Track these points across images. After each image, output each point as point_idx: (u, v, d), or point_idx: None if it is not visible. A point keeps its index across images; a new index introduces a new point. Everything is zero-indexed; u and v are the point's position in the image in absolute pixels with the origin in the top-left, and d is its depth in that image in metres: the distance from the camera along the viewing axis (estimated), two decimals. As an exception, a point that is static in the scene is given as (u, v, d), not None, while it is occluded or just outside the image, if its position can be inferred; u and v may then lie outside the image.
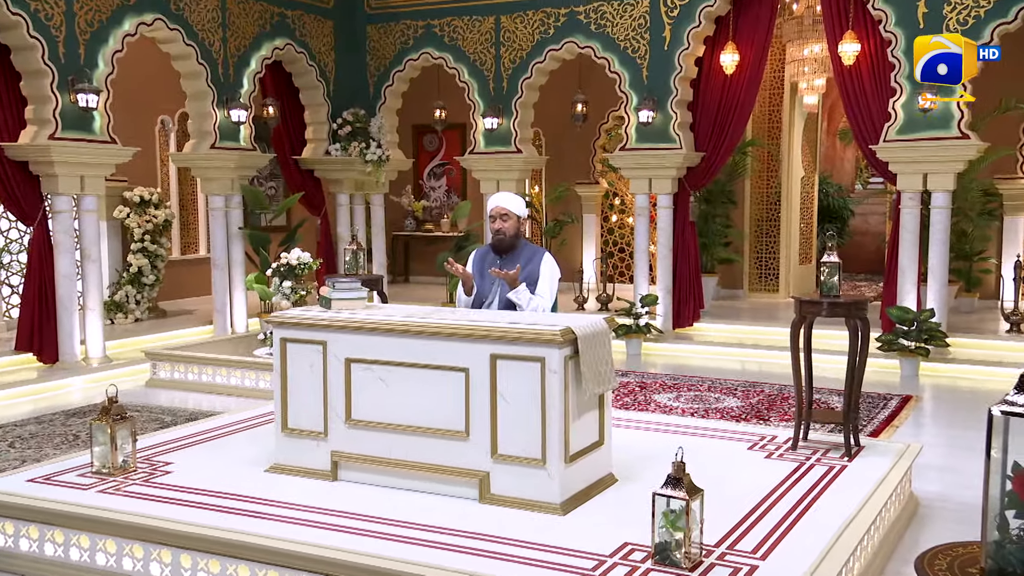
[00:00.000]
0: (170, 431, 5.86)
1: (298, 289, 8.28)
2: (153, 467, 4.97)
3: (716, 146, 10.20)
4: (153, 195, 11.12)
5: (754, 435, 5.68)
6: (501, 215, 5.28)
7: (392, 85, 11.66)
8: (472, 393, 4.38)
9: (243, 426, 5.95)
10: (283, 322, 4.87)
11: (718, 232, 12.09)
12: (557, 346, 4.19)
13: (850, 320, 5.22)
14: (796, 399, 5.40)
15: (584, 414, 4.43)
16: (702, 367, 9.20)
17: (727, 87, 10.06)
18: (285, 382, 4.84)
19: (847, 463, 5.03)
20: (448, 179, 15.22)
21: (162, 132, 12.89)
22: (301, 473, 4.79)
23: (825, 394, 7.69)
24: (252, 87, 10.35)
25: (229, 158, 10.10)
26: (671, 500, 3.56)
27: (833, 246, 5.44)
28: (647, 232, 10.55)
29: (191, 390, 8.20)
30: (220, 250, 10.27)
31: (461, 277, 5.32)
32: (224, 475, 4.83)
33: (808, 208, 13.12)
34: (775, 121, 12.50)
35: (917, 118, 8.81)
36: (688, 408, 7.33)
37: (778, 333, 9.72)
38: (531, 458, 4.27)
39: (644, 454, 5.13)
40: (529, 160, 11.19)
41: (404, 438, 4.55)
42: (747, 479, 4.76)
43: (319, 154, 11.64)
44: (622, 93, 10.26)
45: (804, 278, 12.91)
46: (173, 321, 11.00)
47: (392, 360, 4.56)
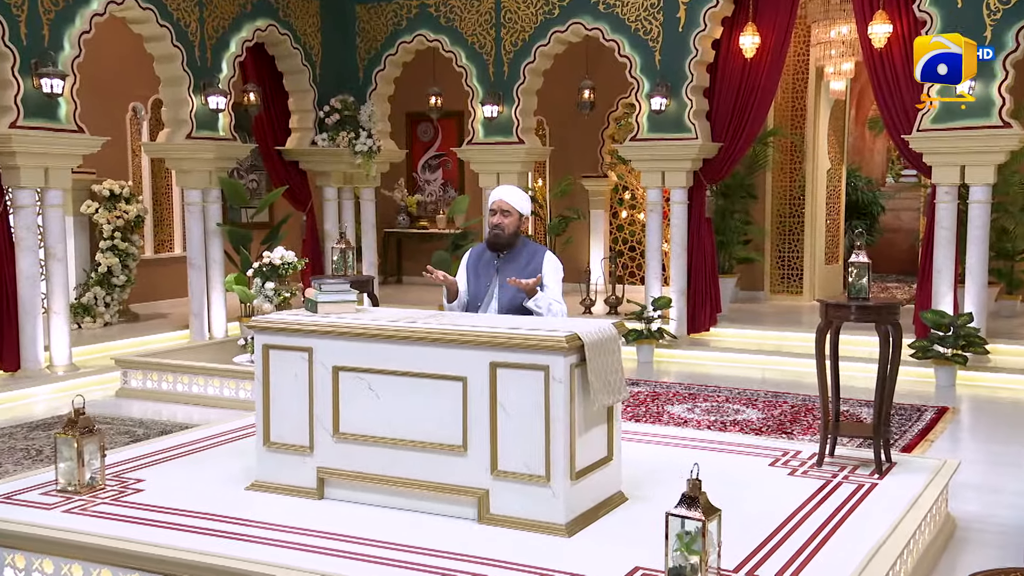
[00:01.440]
0: (142, 445, 5.85)
1: (282, 291, 8.27)
2: (123, 485, 4.96)
3: (735, 136, 10.20)
4: (124, 189, 11.12)
5: (776, 450, 5.67)
6: (502, 210, 5.27)
7: (384, 70, 11.66)
8: (470, 404, 4.37)
9: (222, 440, 5.94)
10: (265, 327, 4.86)
11: (737, 229, 12.09)
12: (562, 353, 4.18)
13: (881, 325, 5.21)
14: (822, 411, 5.40)
15: (591, 427, 4.42)
16: (719, 376, 9.19)
17: (747, 72, 10.06)
18: (267, 392, 4.84)
19: (877, 481, 5.02)
20: (444, 172, 15.22)
21: (134, 120, 12.90)
22: (285, 491, 4.78)
23: (854, 405, 7.68)
24: (232, 72, 10.36)
25: (207, 149, 10.10)
26: (686, 521, 3.55)
27: (862, 245, 5.43)
28: (660, 229, 10.54)
29: (165, 400, 8.20)
30: (197, 248, 10.27)
31: (444, 284, 5.30)
32: (201, 493, 4.82)
33: (835, 203, 13.11)
34: (799, 109, 12.50)
35: (954, 105, 8.80)
36: (704, 420, 7.32)
37: (802, 339, 9.71)
38: (534, 475, 4.26)
39: (657, 470, 5.12)
40: (532, 151, 11.18)
41: (396, 453, 4.54)
42: (768, 498, 4.75)
43: (304, 144, 11.64)
44: (633, 79, 10.25)
45: (830, 279, 12.91)
46: (146, 325, 11.00)
47: (384, 368, 4.55)
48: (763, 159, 12.11)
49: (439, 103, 12.10)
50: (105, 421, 7.31)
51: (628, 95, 11.04)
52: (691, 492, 3.58)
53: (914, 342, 8.84)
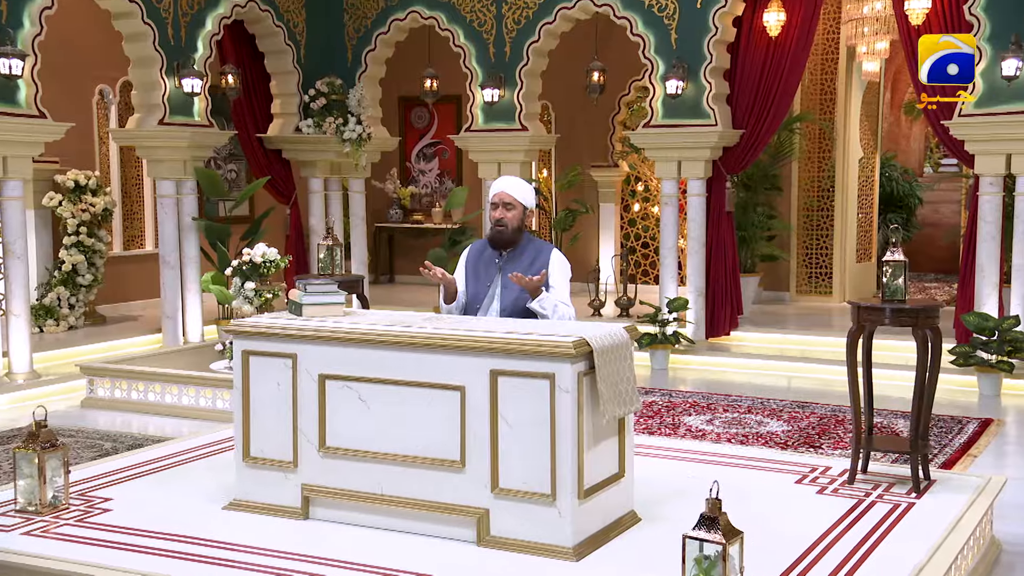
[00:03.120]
0: (110, 461, 5.85)
1: (263, 292, 8.28)
2: (89, 504, 4.96)
3: (758, 122, 10.19)
4: (90, 179, 11.12)
5: (803, 466, 5.66)
6: (504, 203, 5.26)
7: (374, 50, 11.65)
8: (469, 415, 4.37)
9: (197, 454, 5.94)
10: (245, 331, 4.86)
11: (760, 224, 12.08)
12: (569, 360, 4.18)
13: (918, 329, 5.21)
14: (854, 423, 5.39)
15: (601, 441, 4.42)
16: (741, 384, 9.19)
17: (771, 52, 10.05)
18: (247, 402, 4.84)
19: (915, 500, 5.01)
20: (440, 161, 15.22)
21: (101, 105, 12.90)
22: (266, 510, 4.78)
23: (888, 417, 7.68)
24: (208, 51, 10.35)
25: (181, 136, 10.10)
26: (705, 544, 3.55)
27: (897, 241, 5.43)
28: (675, 224, 10.54)
29: (135, 411, 8.20)
30: (170, 245, 10.27)
31: (441, 283, 5.30)
32: (174, 513, 4.82)
33: (868, 195, 13.11)
34: (828, 92, 12.49)
35: (1000, 88, 8.78)
36: (724, 433, 7.31)
37: (831, 344, 9.70)
38: (538, 493, 4.26)
39: (672, 489, 5.12)
40: (536, 139, 11.18)
41: (388, 469, 4.54)
42: (795, 519, 4.74)
43: (288, 131, 11.64)
44: (646, 60, 10.25)
45: (863, 278, 12.90)
46: (114, 329, 11.00)
47: (374, 377, 4.55)
48: (789, 147, 12.10)
49: (435, 86, 12.08)
50: (69, 434, 7.31)
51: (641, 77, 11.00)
52: (710, 512, 3.58)
53: (955, 348, 8.83)
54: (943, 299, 12.92)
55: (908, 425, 5.86)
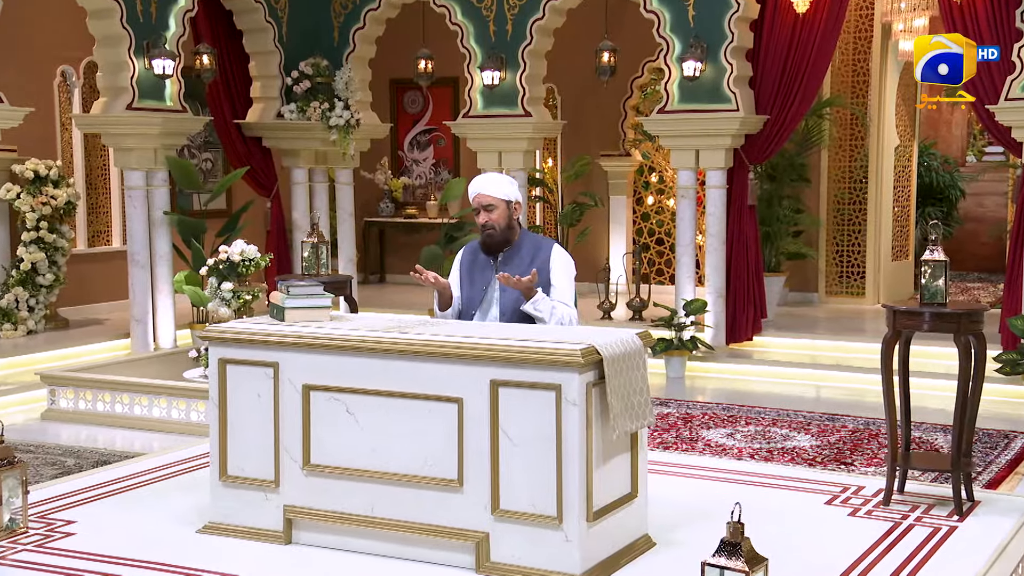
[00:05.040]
0: (73, 479, 5.85)
1: (241, 293, 8.28)
2: (50, 528, 4.96)
3: (784, 107, 10.18)
4: (51, 170, 11.12)
5: (834, 485, 5.66)
6: (484, 206, 5.27)
7: (363, 28, 11.65)
8: (467, 430, 4.37)
9: (169, 472, 5.94)
10: (222, 337, 4.86)
11: (786, 219, 12.08)
12: (577, 369, 4.18)
13: (960, 335, 5.20)
14: (889, 437, 5.39)
15: (612, 458, 4.42)
16: (765, 394, 9.19)
17: (799, 30, 10.04)
18: (224, 415, 4.84)
19: (957, 523, 5.01)
20: (436, 150, 15.22)
21: (63, 88, 12.91)
22: (244, 534, 4.78)
23: (928, 431, 7.68)
24: (181, 29, 10.35)
25: (151, 122, 10.10)
26: (726, 572, 3.55)
27: (937, 238, 5.43)
28: (693, 219, 10.53)
29: (101, 424, 8.19)
30: (140, 242, 10.27)
31: (435, 288, 5.30)
32: (144, 537, 4.82)
33: (904, 187, 13.10)
34: (861, 74, 12.48)
35: (1049, 69, 8.79)
36: (747, 448, 7.31)
37: (864, 350, 9.70)
38: (543, 515, 4.26)
39: (690, 510, 5.12)
40: (540, 126, 11.17)
41: (378, 488, 4.54)
42: (825, 544, 4.74)
43: (269, 117, 11.64)
44: (661, 38, 10.24)
45: (898, 278, 12.89)
46: (78, 334, 11.00)
47: (364, 388, 4.55)
48: (818, 134, 12.09)
49: (430, 68, 12.07)
50: (28, 450, 7.31)
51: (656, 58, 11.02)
52: (732, 537, 3.58)
53: (1000, 355, 8.82)
54: (987, 301, 12.91)
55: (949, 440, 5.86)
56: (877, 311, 11.83)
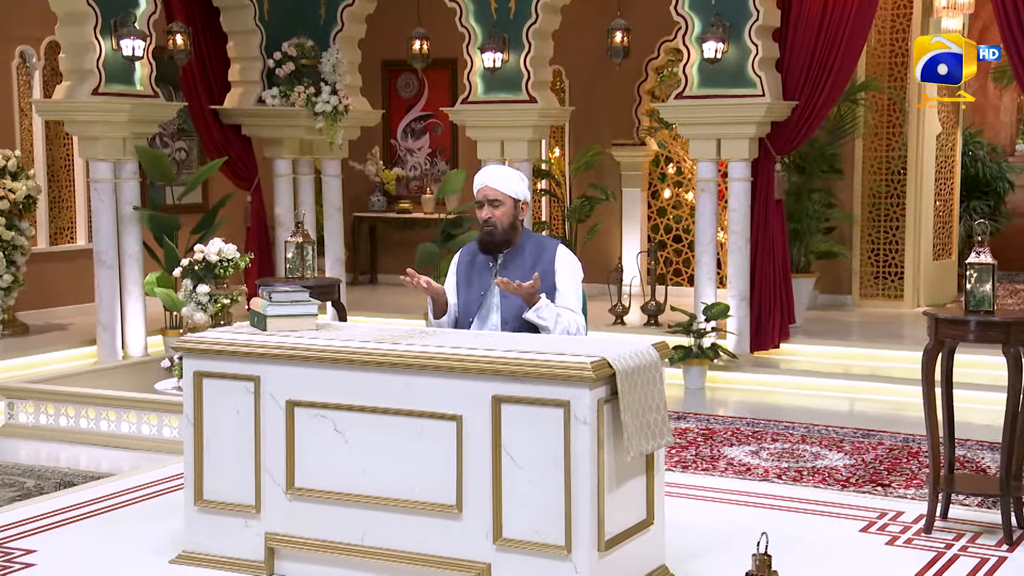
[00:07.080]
0: (33, 503, 5.84)
1: (219, 297, 8.28)
2: (8, 557, 4.95)
3: (814, 92, 10.18)
4: (9, 160, 11.13)
5: (870, 510, 5.65)
6: (490, 200, 5.28)
7: (352, 5, 11.65)
8: (466, 450, 4.37)
9: (139, 495, 5.94)
10: (198, 348, 4.86)
11: (816, 214, 12.07)
12: (587, 384, 4.18)
13: (1010, 346, 5.20)
14: (931, 457, 5.38)
15: (625, 481, 4.42)
16: (793, 408, 9.18)
17: (830, 7, 10.03)
18: (200, 433, 4.84)
19: (1007, 554, 5.00)
20: (432, 138, 15.23)
21: (22, 70, 12.92)
22: (221, 564, 4.78)
23: (973, 449, 7.66)
24: (152, 7, 10.35)
25: (119, 108, 10.10)
26: (752, 609, 3.54)
27: (984, 237, 5.41)
28: (714, 214, 10.53)
29: (64, 441, 8.18)
30: (107, 239, 10.27)
31: (428, 294, 5.31)
32: (111, 567, 4.82)
33: (947, 179, 13.09)
34: (899, 56, 12.47)
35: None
36: (773, 468, 7.30)
37: (903, 359, 9.69)
38: (550, 544, 4.26)
39: (711, 538, 5.11)
40: (547, 112, 11.17)
41: (369, 515, 4.54)
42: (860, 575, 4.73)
43: (249, 103, 11.65)
44: (679, 16, 10.24)
45: (941, 279, 12.88)
46: (38, 340, 11.00)
47: (353, 404, 4.55)
48: (851, 122, 12.09)
49: (425, 49, 12.08)
50: (-14, 469, 7.32)
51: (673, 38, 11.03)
52: (758, 571, 3.57)
53: (1051, 364, 8.81)
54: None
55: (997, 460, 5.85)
56: (916, 316, 11.82)
